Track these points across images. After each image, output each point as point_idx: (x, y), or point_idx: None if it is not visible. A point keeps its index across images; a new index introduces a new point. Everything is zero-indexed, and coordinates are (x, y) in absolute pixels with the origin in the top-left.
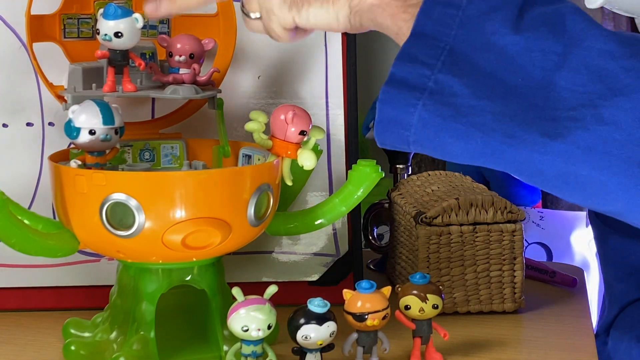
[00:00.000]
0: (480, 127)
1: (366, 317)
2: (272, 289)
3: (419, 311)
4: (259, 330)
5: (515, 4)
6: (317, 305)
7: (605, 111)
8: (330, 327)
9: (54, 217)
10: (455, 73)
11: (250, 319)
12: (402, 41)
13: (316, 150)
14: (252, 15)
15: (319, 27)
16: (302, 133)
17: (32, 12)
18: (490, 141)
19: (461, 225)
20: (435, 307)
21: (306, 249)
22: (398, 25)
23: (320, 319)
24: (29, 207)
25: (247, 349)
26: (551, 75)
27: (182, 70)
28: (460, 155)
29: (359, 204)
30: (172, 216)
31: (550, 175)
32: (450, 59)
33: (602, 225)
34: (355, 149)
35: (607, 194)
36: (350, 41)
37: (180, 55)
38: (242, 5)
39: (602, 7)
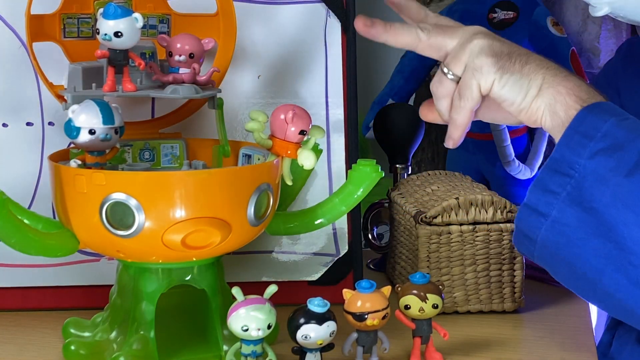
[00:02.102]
0: (581, 260)
1: (366, 316)
2: (272, 289)
3: (419, 311)
4: (258, 329)
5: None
6: (317, 305)
7: None
8: (330, 326)
9: (54, 217)
10: (575, 203)
11: (250, 319)
12: (560, 133)
13: (316, 150)
14: (450, 76)
15: (505, 98)
16: (302, 133)
17: (32, 12)
18: (585, 274)
19: (461, 224)
20: (435, 306)
21: (306, 248)
22: (568, 115)
23: (320, 319)
24: (29, 207)
25: (247, 349)
26: None
27: (182, 70)
28: (565, 280)
29: (359, 204)
30: (172, 216)
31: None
32: (576, 189)
33: None
34: (355, 149)
35: None
36: (350, 41)
37: (180, 55)
38: (443, 64)
39: None
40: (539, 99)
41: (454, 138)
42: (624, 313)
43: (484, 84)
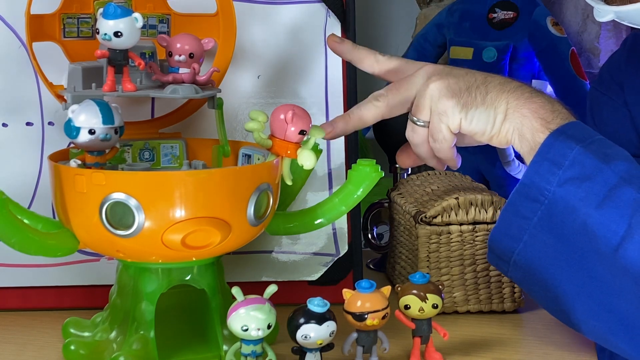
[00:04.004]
0: (554, 285)
1: (366, 316)
2: (271, 289)
3: (419, 311)
4: (258, 329)
5: (608, 182)
6: (316, 304)
7: None
8: (329, 326)
9: (54, 217)
10: (545, 229)
11: (250, 319)
12: (530, 158)
13: (316, 150)
14: (420, 123)
15: (475, 131)
16: (302, 133)
17: (32, 12)
18: (558, 298)
19: (461, 224)
20: (434, 306)
21: (306, 248)
22: (535, 140)
23: (320, 319)
24: (29, 207)
25: (246, 349)
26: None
27: (182, 70)
28: (539, 301)
29: (359, 204)
30: (171, 216)
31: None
32: (546, 216)
33: None
34: (355, 149)
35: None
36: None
37: (180, 55)
38: (411, 114)
39: None
40: (506, 123)
41: (452, 165)
42: (599, 338)
43: (452, 124)
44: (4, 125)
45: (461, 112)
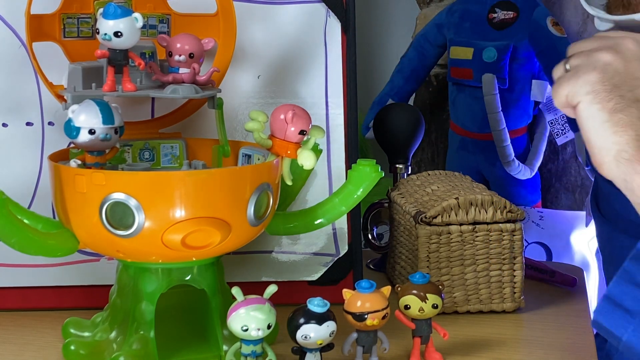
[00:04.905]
0: None
1: (366, 316)
2: (271, 289)
3: (419, 311)
4: (258, 329)
5: None
6: (316, 304)
7: None
8: (329, 326)
9: (54, 217)
10: None
11: (250, 319)
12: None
13: (316, 150)
14: (567, 67)
15: (582, 126)
16: (302, 133)
17: (32, 12)
18: None
19: (461, 224)
20: (434, 306)
21: (306, 248)
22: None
23: (320, 319)
24: (29, 207)
25: (246, 349)
26: None
27: (182, 70)
28: None
29: (359, 204)
30: (171, 216)
31: None
32: None
33: (606, 223)
34: (355, 149)
35: None
36: (350, 41)
37: (180, 55)
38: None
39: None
40: (613, 164)
41: None
42: None
43: (571, 95)
44: (4, 125)
45: (587, 94)
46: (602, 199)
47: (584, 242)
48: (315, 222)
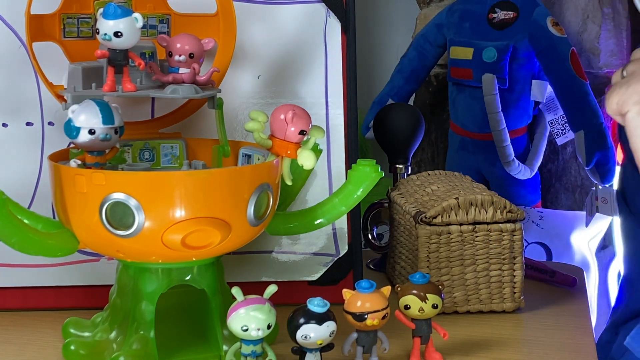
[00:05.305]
0: None
1: (366, 316)
2: (271, 289)
3: (419, 311)
4: (258, 329)
5: None
6: (316, 304)
7: None
8: (329, 326)
9: (54, 217)
10: None
11: (249, 319)
12: None
13: (316, 150)
14: (624, 73)
15: (629, 131)
16: (302, 133)
17: (32, 12)
18: None
19: (461, 224)
20: (434, 306)
21: (306, 248)
22: None
23: (320, 319)
24: (29, 207)
25: (246, 349)
26: None
27: (182, 70)
28: None
29: (359, 204)
30: (171, 216)
31: None
32: None
33: (633, 221)
34: (355, 149)
35: None
36: (350, 41)
37: (180, 55)
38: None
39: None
40: None
41: None
42: None
43: (620, 103)
44: (4, 125)
45: (636, 104)
46: (629, 193)
47: (584, 242)
48: (315, 222)
